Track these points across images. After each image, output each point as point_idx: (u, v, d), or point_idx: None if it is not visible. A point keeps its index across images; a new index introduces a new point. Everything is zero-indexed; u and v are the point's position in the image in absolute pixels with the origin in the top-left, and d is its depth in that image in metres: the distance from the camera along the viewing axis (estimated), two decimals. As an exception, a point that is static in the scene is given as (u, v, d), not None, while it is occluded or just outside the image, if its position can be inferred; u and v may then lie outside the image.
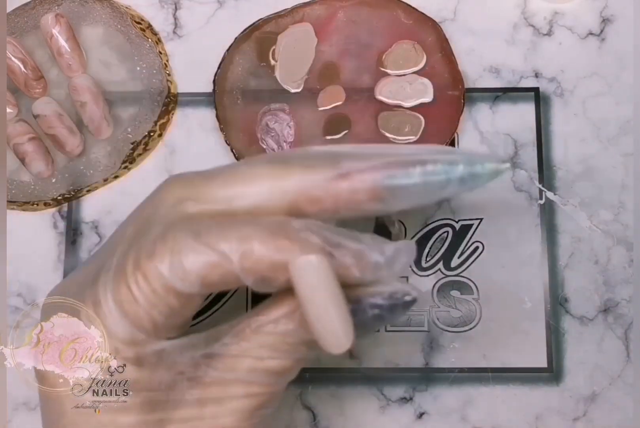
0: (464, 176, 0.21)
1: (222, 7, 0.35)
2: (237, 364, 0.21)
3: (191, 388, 0.21)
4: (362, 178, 0.20)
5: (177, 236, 0.20)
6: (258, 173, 0.21)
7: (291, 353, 0.21)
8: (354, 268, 0.20)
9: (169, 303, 0.20)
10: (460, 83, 0.33)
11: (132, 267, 0.20)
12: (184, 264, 0.19)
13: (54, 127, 0.32)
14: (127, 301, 0.20)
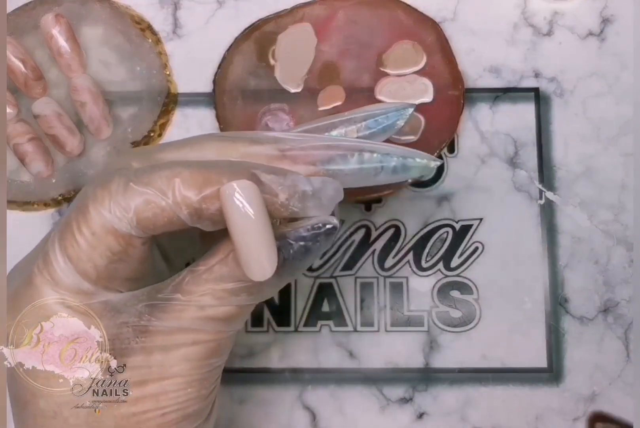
0: (396, 166, 0.24)
1: (222, 7, 0.35)
2: (181, 313, 0.22)
3: (136, 337, 0.22)
4: (302, 155, 0.23)
5: (116, 179, 0.21)
6: (206, 143, 0.23)
7: (231, 299, 0.22)
8: (282, 195, 0.21)
9: (108, 244, 0.21)
10: (460, 83, 0.33)
11: (75, 214, 0.21)
12: (120, 203, 0.20)
13: (54, 127, 0.32)
14: (71, 246, 0.21)
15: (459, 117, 0.32)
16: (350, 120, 0.25)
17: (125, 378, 0.22)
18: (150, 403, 0.22)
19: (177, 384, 0.22)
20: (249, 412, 0.32)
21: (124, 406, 0.22)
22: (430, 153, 0.32)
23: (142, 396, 0.22)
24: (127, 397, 0.22)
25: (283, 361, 0.32)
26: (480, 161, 0.33)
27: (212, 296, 0.22)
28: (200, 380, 0.22)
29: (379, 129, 0.25)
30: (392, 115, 0.25)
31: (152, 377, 0.22)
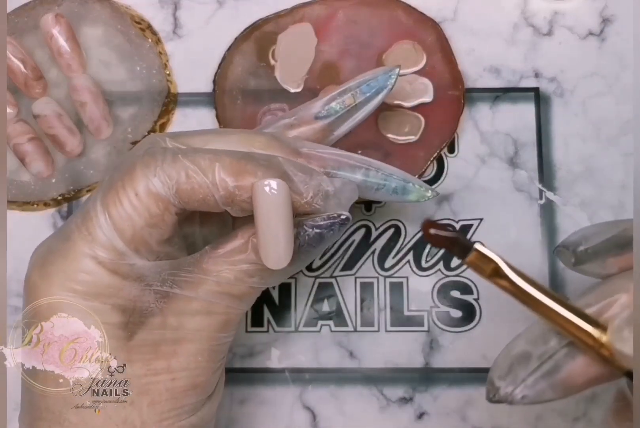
0: (397, 187, 0.26)
1: (222, 7, 0.35)
2: (199, 285, 0.23)
3: (157, 300, 0.23)
4: (316, 157, 0.25)
5: (163, 151, 0.23)
6: (230, 135, 0.25)
7: (245, 280, 0.24)
8: (308, 193, 0.23)
9: (148, 206, 0.22)
10: (460, 83, 0.33)
11: (120, 175, 0.23)
12: (165, 170, 0.22)
13: (54, 127, 0.32)
14: (113, 204, 0.22)
15: (459, 117, 0.32)
16: (345, 90, 0.27)
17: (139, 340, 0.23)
18: (161, 364, 0.23)
19: (188, 349, 0.24)
20: (249, 412, 0.32)
21: (137, 365, 0.23)
22: (430, 153, 0.32)
23: (155, 357, 0.23)
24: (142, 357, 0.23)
25: (283, 361, 0.32)
26: (480, 161, 0.33)
27: (228, 275, 0.23)
28: (209, 351, 0.24)
29: (373, 92, 0.27)
30: (381, 78, 0.27)
31: (166, 338, 0.23)
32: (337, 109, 0.27)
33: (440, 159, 0.33)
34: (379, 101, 0.28)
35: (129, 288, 0.23)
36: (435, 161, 0.33)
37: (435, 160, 0.33)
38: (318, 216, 0.24)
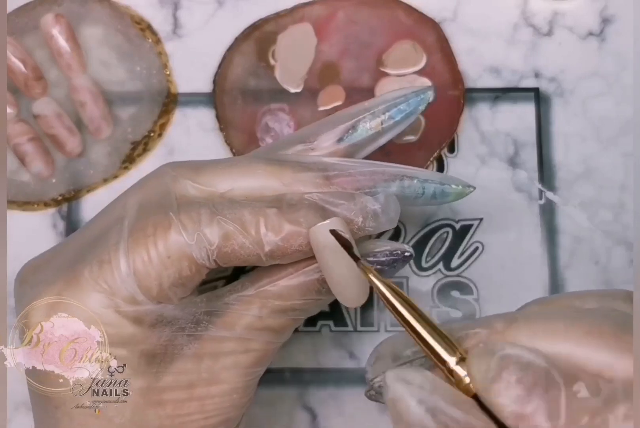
0: (435, 192, 0.25)
1: (222, 7, 0.35)
2: (237, 321, 0.22)
3: (189, 343, 0.22)
4: (348, 181, 0.23)
5: (198, 209, 0.21)
6: (255, 167, 0.23)
7: (288, 313, 0.23)
8: (357, 219, 0.22)
9: (180, 269, 0.21)
10: (460, 83, 0.33)
11: (152, 230, 0.21)
12: (205, 234, 0.21)
13: (54, 127, 0.32)
14: (141, 261, 0.21)
15: (459, 117, 0.32)
16: (373, 113, 0.25)
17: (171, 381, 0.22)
18: (195, 407, 0.22)
19: (223, 390, 0.23)
20: (249, 412, 0.31)
21: (169, 407, 0.22)
22: (430, 153, 0.32)
23: (188, 398, 0.22)
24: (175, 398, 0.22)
25: (283, 362, 0.32)
26: (480, 161, 0.33)
27: (271, 310, 0.22)
28: (244, 387, 0.23)
29: (402, 117, 0.26)
30: (412, 101, 0.26)
31: (200, 382, 0.22)
32: (362, 134, 0.25)
33: (440, 159, 0.33)
34: (406, 125, 0.26)
35: (158, 335, 0.22)
36: (435, 161, 0.33)
37: (435, 160, 0.33)
38: (380, 251, 0.23)
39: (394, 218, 0.23)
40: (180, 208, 0.22)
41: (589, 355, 0.17)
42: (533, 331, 0.18)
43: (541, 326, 0.18)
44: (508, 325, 0.18)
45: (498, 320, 0.19)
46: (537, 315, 0.19)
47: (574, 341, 0.17)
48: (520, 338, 0.18)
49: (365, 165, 0.24)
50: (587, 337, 0.17)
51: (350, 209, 0.22)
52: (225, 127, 0.33)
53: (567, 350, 0.17)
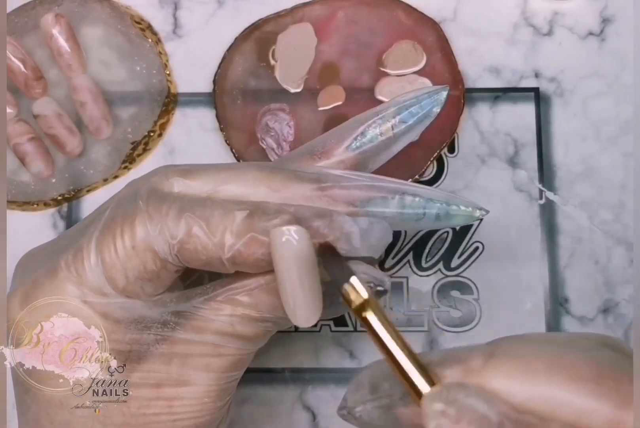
0: (439, 214, 0.23)
1: (222, 7, 0.35)
2: (206, 325, 0.21)
3: (157, 343, 0.21)
4: (342, 195, 0.22)
5: (170, 202, 0.21)
6: (248, 170, 0.22)
7: (259, 324, 0.22)
8: (329, 238, 0.20)
9: (144, 262, 0.21)
10: (460, 83, 0.33)
11: (121, 220, 0.21)
12: (169, 227, 0.20)
13: (54, 127, 0.32)
14: (108, 251, 0.21)
15: (459, 117, 0.32)
16: (383, 117, 0.24)
17: (138, 379, 0.22)
18: (162, 407, 0.22)
19: (193, 392, 0.22)
20: (250, 412, 0.32)
21: (135, 405, 0.22)
22: (430, 153, 0.32)
23: (155, 397, 0.22)
24: (141, 396, 0.21)
25: (283, 361, 0.32)
26: (480, 161, 0.33)
27: (241, 318, 0.21)
28: (217, 391, 0.22)
29: (415, 121, 0.24)
30: (425, 103, 0.24)
31: (169, 382, 0.22)
32: (372, 140, 0.23)
33: (440, 159, 0.33)
34: (422, 130, 0.24)
35: (122, 332, 0.21)
36: (435, 161, 0.33)
37: (435, 160, 0.33)
38: None
39: (376, 246, 0.21)
40: (152, 199, 0.21)
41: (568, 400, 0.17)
42: (511, 370, 0.17)
43: (521, 365, 0.17)
44: (485, 362, 0.18)
45: (476, 355, 0.18)
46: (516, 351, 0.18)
47: (555, 384, 0.17)
48: (498, 377, 0.17)
49: (364, 179, 0.23)
50: (568, 382, 0.17)
51: (324, 226, 0.20)
52: (225, 127, 0.33)
53: (546, 393, 0.17)
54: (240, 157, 0.32)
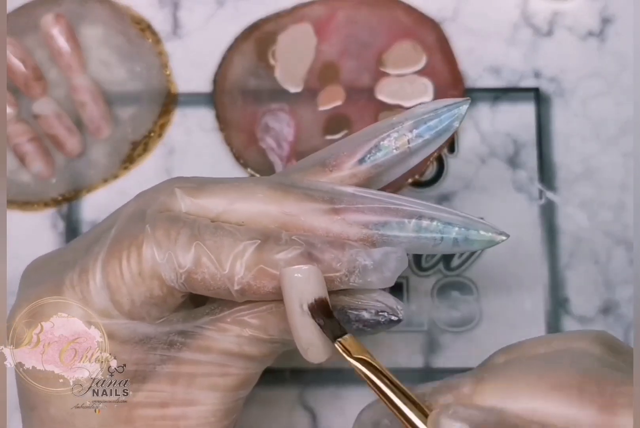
0: (457, 239, 0.21)
1: (222, 7, 0.35)
2: (212, 345, 0.21)
3: (163, 362, 0.21)
4: (356, 217, 0.21)
5: (180, 228, 0.20)
6: (258, 190, 0.21)
7: (270, 343, 0.22)
8: (341, 271, 0.20)
9: (151, 288, 0.20)
10: (460, 83, 0.33)
11: (128, 243, 0.21)
12: (177, 256, 0.20)
13: (54, 127, 0.32)
14: (113, 275, 0.21)
15: (459, 117, 0.32)
16: (399, 131, 0.22)
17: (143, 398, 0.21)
18: (168, 426, 0.22)
19: (200, 412, 0.22)
20: (250, 412, 0.32)
21: (140, 424, 0.21)
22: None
23: (160, 417, 0.21)
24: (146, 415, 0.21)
25: (283, 362, 0.32)
26: (480, 161, 0.33)
27: (248, 339, 0.21)
28: (223, 410, 0.22)
29: (433, 135, 0.22)
30: (445, 117, 0.22)
31: (174, 401, 0.21)
32: (386, 154, 0.22)
33: (440, 159, 0.33)
34: (440, 144, 0.23)
35: (128, 352, 0.21)
36: (435, 161, 0.33)
37: (435, 160, 0.33)
38: (365, 309, 0.21)
39: (390, 278, 0.21)
40: (161, 223, 0.21)
41: (554, 410, 0.17)
42: (500, 390, 0.18)
43: (506, 385, 0.18)
44: (474, 387, 0.19)
45: (466, 382, 0.19)
46: (502, 372, 0.19)
47: (540, 398, 0.18)
48: (488, 399, 0.18)
49: (379, 199, 0.22)
50: (552, 392, 0.18)
51: (337, 260, 0.20)
52: (225, 127, 0.33)
53: (533, 406, 0.18)
54: (240, 158, 0.32)
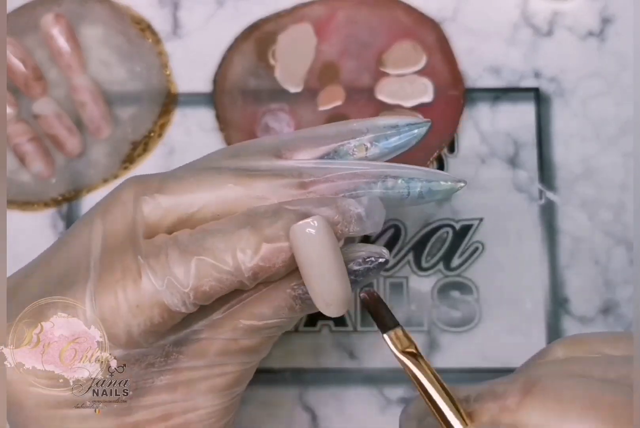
0: (422, 191, 0.23)
1: (222, 7, 0.35)
2: (208, 348, 0.21)
3: (161, 375, 0.21)
4: (326, 187, 0.22)
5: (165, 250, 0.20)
6: (224, 180, 0.21)
7: (262, 332, 0.22)
8: (342, 222, 0.20)
9: (151, 317, 0.20)
10: (460, 83, 0.33)
11: (121, 275, 0.20)
12: (177, 278, 0.20)
13: (54, 127, 0.32)
14: (109, 308, 0.20)
15: (459, 117, 0.32)
16: (359, 141, 0.23)
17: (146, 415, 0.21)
18: None
19: (201, 416, 0.22)
20: (250, 413, 0.32)
21: None
22: (430, 153, 0.32)
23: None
24: None
25: (283, 362, 0.32)
26: (480, 161, 0.33)
27: (243, 330, 0.21)
28: (222, 409, 0.22)
29: (390, 149, 0.24)
30: (404, 135, 0.24)
31: (176, 411, 0.22)
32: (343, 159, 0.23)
33: (440, 159, 0.33)
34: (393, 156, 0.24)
35: (127, 374, 0.21)
36: (435, 161, 0.33)
37: (435, 160, 0.33)
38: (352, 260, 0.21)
39: (379, 222, 0.22)
40: (149, 250, 0.20)
41: None
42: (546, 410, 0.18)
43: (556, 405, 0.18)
44: (521, 400, 0.18)
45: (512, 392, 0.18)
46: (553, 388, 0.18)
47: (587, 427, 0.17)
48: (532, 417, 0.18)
49: (344, 167, 0.22)
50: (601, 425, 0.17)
51: (333, 214, 0.20)
52: (225, 127, 0.33)
53: None
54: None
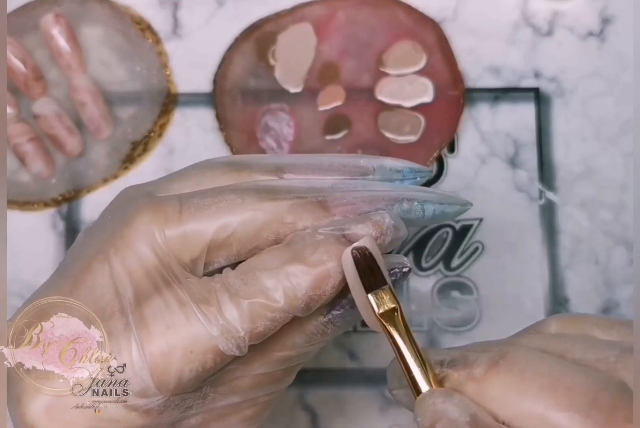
0: (435, 213, 0.23)
1: (222, 7, 0.35)
2: (241, 383, 0.21)
3: (197, 415, 0.21)
4: (348, 210, 0.22)
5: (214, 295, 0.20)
6: (246, 204, 0.21)
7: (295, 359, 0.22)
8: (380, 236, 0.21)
9: (204, 362, 0.20)
10: (460, 83, 0.33)
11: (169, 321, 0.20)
12: (231, 324, 0.19)
13: (54, 127, 0.32)
14: (160, 355, 0.20)
15: (459, 117, 0.32)
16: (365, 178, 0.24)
17: None
18: None
19: None
20: (249, 412, 0.32)
21: None
22: (430, 153, 0.32)
23: None
24: None
25: (283, 362, 0.32)
26: (480, 161, 0.33)
27: (275, 363, 0.21)
28: None
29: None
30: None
31: None
32: None
33: (440, 159, 0.33)
34: None
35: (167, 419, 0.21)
36: (435, 161, 0.33)
37: (435, 160, 0.33)
38: None
39: (405, 233, 0.22)
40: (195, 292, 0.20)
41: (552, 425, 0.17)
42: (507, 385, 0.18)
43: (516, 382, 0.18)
44: (487, 370, 0.18)
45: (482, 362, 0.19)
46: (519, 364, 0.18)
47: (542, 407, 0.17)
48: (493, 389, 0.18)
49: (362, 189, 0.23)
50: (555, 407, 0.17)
51: (371, 230, 0.21)
52: (225, 127, 0.33)
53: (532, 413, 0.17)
54: (240, 158, 0.32)
